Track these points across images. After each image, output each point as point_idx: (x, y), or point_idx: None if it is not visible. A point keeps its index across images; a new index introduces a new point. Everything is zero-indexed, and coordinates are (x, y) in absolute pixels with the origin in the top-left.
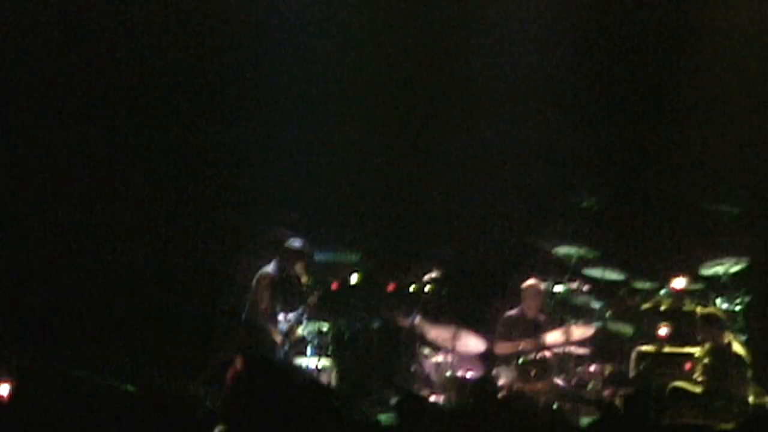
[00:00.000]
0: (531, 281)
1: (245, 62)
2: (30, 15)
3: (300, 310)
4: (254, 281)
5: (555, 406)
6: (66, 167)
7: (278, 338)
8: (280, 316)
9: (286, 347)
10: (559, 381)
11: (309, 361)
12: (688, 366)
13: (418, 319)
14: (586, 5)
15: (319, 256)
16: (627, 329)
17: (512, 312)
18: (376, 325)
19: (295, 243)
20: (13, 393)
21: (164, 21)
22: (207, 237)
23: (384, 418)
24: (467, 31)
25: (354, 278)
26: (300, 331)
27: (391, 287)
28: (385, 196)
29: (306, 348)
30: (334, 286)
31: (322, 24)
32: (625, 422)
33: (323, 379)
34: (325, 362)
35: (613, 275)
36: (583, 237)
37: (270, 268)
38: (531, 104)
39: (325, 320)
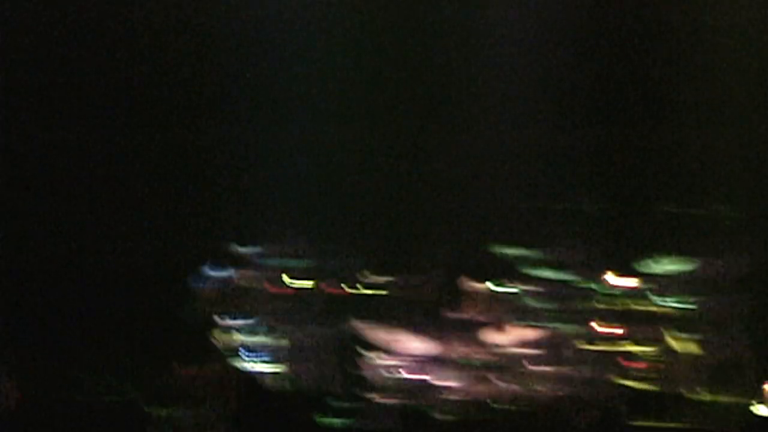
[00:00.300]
0: (475, 283)
1: (234, 63)
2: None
3: (249, 316)
4: (204, 287)
5: (504, 407)
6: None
7: (227, 344)
8: (230, 322)
9: (237, 353)
10: (505, 382)
11: (259, 367)
12: (636, 364)
13: (363, 323)
14: (582, 6)
15: (268, 263)
16: (573, 329)
17: (456, 314)
18: (323, 329)
19: (244, 250)
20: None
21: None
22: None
23: (335, 422)
24: (463, 32)
25: (302, 284)
26: (249, 337)
27: (331, 290)
28: (341, 202)
29: (256, 354)
30: (282, 291)
31: (319, 24)
32: (571, 421)
33: (274, 384)
34: (275, 368)
35: (558, 276)
36: (529, 238)
37: (219, 273)
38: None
39: (273, 326)
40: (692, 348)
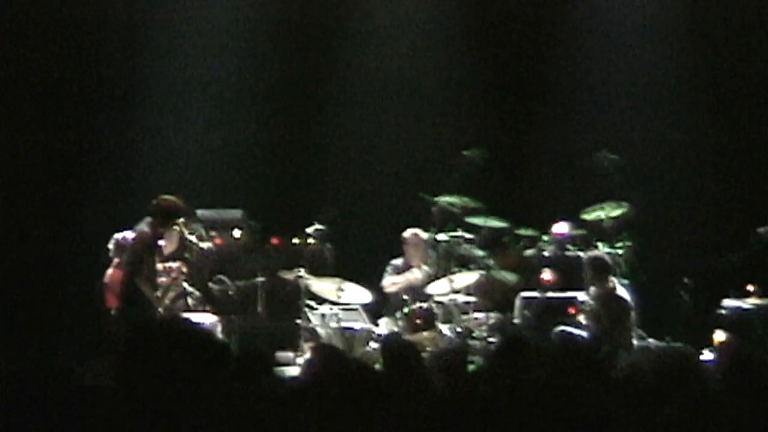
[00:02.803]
0: (413, 231)
1: (119, 60)
2: None
3: (182, 266)
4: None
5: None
6: None
7: (157, 295)
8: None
9: (167, 303)
10: (444, 330)
11: (193, 317)
12: (573, 310)
13: (302, 272)
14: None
15: (200, 213)
16: (511, 276)
17: (396, 261)
18: (260, 279)
19: (174, 199)
20: None
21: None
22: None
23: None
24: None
25: (237, 234)
26: (183, 286)
27: (275, 242)
28: (268, 150)
29: (189, 304)
30: (217, 241)
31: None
32: (508, 369)
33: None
34: (210, 318)
35: (495, 223)
36: (466, 186)
37: (143, 225)
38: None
39: (208, 276)
40: (626, 293)
